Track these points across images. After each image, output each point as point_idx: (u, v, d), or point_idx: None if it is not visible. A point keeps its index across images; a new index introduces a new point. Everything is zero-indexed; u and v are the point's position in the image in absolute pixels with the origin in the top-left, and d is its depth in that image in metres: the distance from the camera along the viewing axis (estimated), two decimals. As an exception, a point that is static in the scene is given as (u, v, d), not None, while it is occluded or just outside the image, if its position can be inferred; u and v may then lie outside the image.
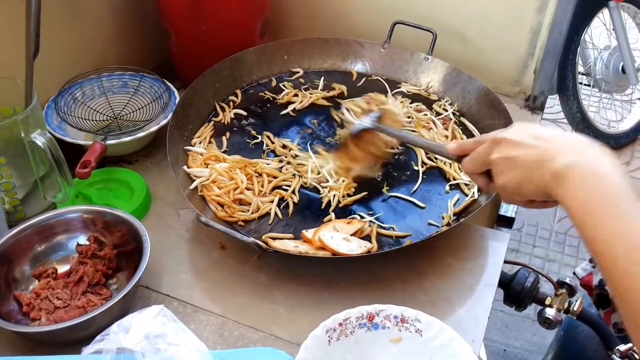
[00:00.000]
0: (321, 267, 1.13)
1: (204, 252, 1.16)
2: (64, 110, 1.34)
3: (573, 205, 0.73)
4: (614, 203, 0.70)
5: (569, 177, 0.74)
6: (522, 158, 0.82)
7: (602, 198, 0.71)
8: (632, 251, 0.65)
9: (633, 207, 0.69)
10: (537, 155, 0.80)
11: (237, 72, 1.49)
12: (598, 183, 0.72)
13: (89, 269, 1.06)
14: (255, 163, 1.26)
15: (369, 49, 1.57)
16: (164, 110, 1.37)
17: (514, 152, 0.84)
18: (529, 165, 0.81)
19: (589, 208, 0.71)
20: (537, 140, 0.81)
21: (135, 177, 1.27)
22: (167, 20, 1.53)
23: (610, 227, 0.68)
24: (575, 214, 0.73)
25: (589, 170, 0.73)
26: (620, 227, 0.67)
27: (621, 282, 0.65)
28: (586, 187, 0.72)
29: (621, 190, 0.70)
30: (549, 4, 1.49)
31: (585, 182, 0.73)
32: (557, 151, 0.78)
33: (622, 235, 0.67)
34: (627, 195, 0.70)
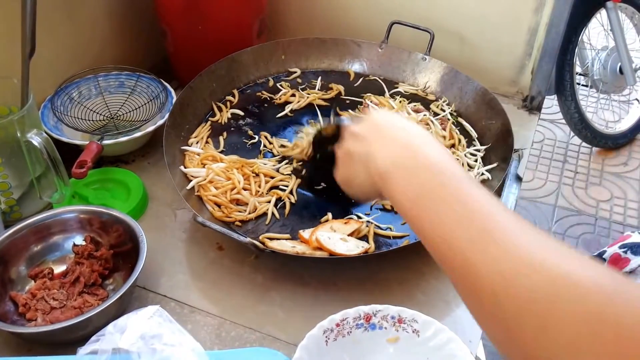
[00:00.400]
0: (318, 268, 1.13)
1: (201, 253, 1.16)
2: (60, 110, 1.34)
3: (403, 201, 0.71)
4: (445, 191, 0.67)
5: (392, 176, 0.74)
6: (355, 154, 0.83)
7: (432, 189, 0.68)
8: (468, 231, 0.62)
9: (469, 192, 0.66)
10: (365, 152, 0.80)
11: (234, 72, 1.49)
12: (425, 176, 0.70)
13: (85, 269, 1.05)
14: (252, 163, 1.26)
15: (366, 49, 1.57)
16: (161, 110, 1.37)
17: (352, 146, 0.85)
18: (359, 162, 0.82)
19: (418, 200, 0.69)
20: (372, 134, 0.81)
21: (132, 177, 1.27)
22: (164, 20, 1.53)
23: (444, 212, 0.65)
24: (405, 209, 0.71)
25: (413, 165, 0.72)
26: (455, 211, 0.65)
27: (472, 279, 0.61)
28: (410, 182, 0.71)
29: (452, 178, 0.69)
30: (546, 4, 1.49)
31: (410, 177, 0.72)
32: (381, 148, 0.77)
33: (459, 216, 0.64)
34: (461, 181, 0.68)
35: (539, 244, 0.58)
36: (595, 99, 3.35)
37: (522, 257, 0.57)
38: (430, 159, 0.72)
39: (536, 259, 0.56)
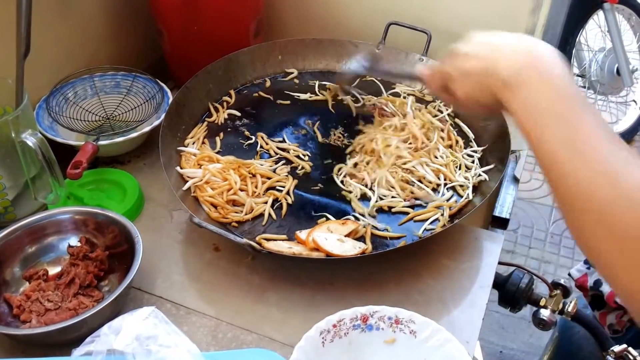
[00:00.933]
0: (315, 268, 1.12)
1: (197, 254, 1.16)
2: (55, 110, 1.33)
3: (519, 110, 0.77)
4: (559, 108, 0.73)
5: (516, 83, 0.78)
6: (474, 69, 0.86)
7: (549, 103, 0.74)
8: (575, 157, 0.69)
9: (578, 112, 0.72)
10: (487, 65, 0.83)
11: (230, 73, 1.48)
12: (544, 88, 0.75)
13: (81, 270, 1.05)
14: (249, 164, 1.25)
15: (363, 50, 1.56)
16: (157, 111, 1.37)
17: (467, 64, 0.88)
18: (481, 75, 0.84)
19: (535, 112, 0.75)
20: (487, 49, 0.85)
21: (127, 178, 1.26)
22: (160, 19, 1.52)
23: (555, 132, 0.72)
24: (521, 119, 0.77)
25: (536, 75, 0.76)
26: (565, 132, 0.71)
27: (563, 184, 0.71)
28: (532, 91, 0.76)
29: (568, 95, 0.74)
30: (542, 5, 1.48)
31: (531, 87, 0.76)
32: (505, 58, 0.81)
33: (567, 140, 0.71)
34: (573, 100, 0.73)
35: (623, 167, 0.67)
36: (592, 100, 3.35)
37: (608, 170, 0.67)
38: (553, 76, 0.76)
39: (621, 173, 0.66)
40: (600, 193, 0.66)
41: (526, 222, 2.86)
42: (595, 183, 0.67)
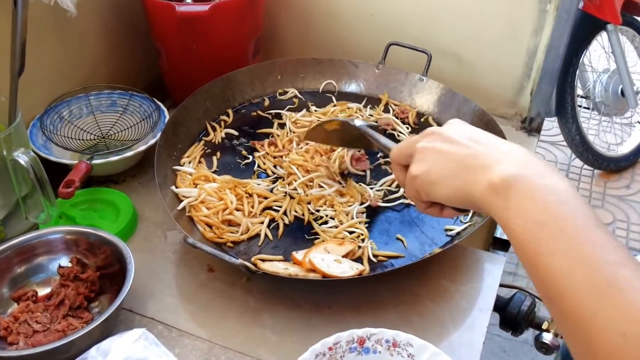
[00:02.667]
0: (311, 290, 1.10)
1: (191, 275, 1.13)
2: (49, 129, 1.31)
3: (518, 222, 0.64)
4: (571, 224, 0.61)
5: (513, 190, 0.65)
6: (451, 155, 0.75)
7: (557, 217, 0.62)
8: (594, 284, 0.57)
9: (594, 231, 0.60)
10: (470, 157, 0.72)
11: (229, 92, 1.47)
12: (550, 200, 0.63)
13: (71, 292, 1.02)
14: (245, 183, 1.23)
15: (363, 70, 1.55)
16: (153, 130, 1.35)
17: (443, 146, 0.76)
18: (457, 164, 0.73)
19: (539, 226, 0.62)
20: (472, 142, 0.74)
21: (121, 198, 1.24)
22: (158, 38, 1.51)
23: (569, 251, 0.59)
24: (520, 231, 0.64)
25: (538, 184, 0.65)
26: (582, 253, 0.58)
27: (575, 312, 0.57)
28: (535, 202, 0.64)
29: (578, 209, 0.62)
30: (545, 26, 1.47)
31: (534, 197, 0.64)
32: (495, 158, 0.70)
33: (584, 262, 0.58)
34: (586, 216, 0.61)
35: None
36: (597, 122, 3.33)
37: None
38: (557, 182, 0.65)
39: None
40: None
41: None
42: None
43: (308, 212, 1.19)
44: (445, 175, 0.75)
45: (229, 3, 1.44)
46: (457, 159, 0.74)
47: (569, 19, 1.43)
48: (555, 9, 1.43)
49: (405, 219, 1.21)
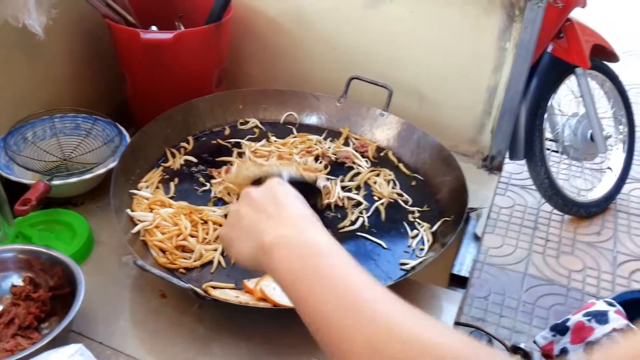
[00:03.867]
0: (262, 320, 1.11)
1: (143, 300, 1.14)
2: (13, 149, 1.32)
3: (281, 276, 0.73)
4: (326, 272, 0.69)
5: (277, 250, 0.74)
6: (246, 220, 0.82)
7: (313, 267, 0.70)
8: (346, 311, 0.65)
9: (348, 274, 0.70)
10: (256, 223, 0.80)
11: (190, 119, 1.49)
12: (306, 253, 0.72)
13: (21, 310, 1.03)
14: (201, 210, 1.24)
15: (325, 103, 1.58)
16: (114, 154, 1.36)
17: (245, 210, 0.83)
18: (247, 230, 0.81)
19: (298, 277, 0.71)
20: (269, 206, 0.81)
21: (78, 220, 1.25)
22: (123, 64, 1.53)
23: (324, 293, 0.68)
24: (284, 283, 0.73)
25: (297, 243, 0.74)
26: (336, 292, 0.67)
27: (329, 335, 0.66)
28: (292, 258, 0.73)
29: (325, 254, 0.72)
30: (504, 63, 1.50)
31: (291, 254, 0.73)
32: (272, 224, 0.78)
33: (338, 298, 0.67)
34: (342, 264, 0.71)
35: (403, 315, 0.65)
36: (566, 166, 3.33)
37: (388, 328, 0.62)
38: (314, 238, 0.75)
39: (399, 328, 0.62)
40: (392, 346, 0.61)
41: (497, 289, 2.79)
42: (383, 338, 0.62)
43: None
44: (238, 243, 0.83)
45: (193, 32, 1.47)
46: (250, 225, 0.81)
47: (528, 57, 1.46)
48: (515, 47, 1.47)
49: (361, 251, 1.23)
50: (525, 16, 1.43)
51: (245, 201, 0.84)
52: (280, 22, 1.67)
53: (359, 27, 1.61)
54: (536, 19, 1.42)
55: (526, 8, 1.42)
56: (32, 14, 1.25)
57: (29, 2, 1.23)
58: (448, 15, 1.51)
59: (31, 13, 1.25)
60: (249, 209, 0.82)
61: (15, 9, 1.23)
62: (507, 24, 1.46)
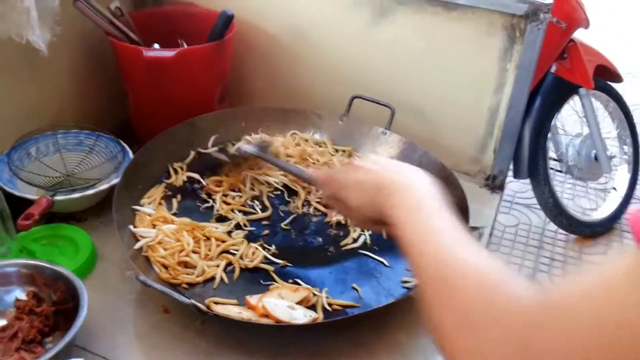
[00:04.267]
0: (265, 337, 1.11)
1: (146, 315, 1.14)
2: (16, 164, 1.33)
3: (393, 215, 0.87)
4: (418, 208, 0.84)
5: (394, 194, 0.89)
6: (369, 183, 0.97)
7: (412, 205, 0.85)
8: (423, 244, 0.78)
9: (432, 211, 0.83)
10: (378, 181, 0.94)
11: (193, 136, 1.50)
12: (412, 197, 0.87)
13: (25, 325, 1.03)
14: (203, 226, 1.25)
15: (327, 121, 1.59)
16: (117, 170, 1.37)
17: (363, 176, 0.98)
18: (373, 187, 0.95)
19: (402, 214, 0.85)
20: (380, 168, 0.97)
21: (81, 235, 1.26)
22: (126, 81, 1.54)
23: (414, 227, 0.81)
24: (394, 223, 0.86)
25: (407, 185, 0.89)
26: (420, 227, 0.81)
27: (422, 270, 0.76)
28: (402, 197, 0.88)
29: (426, 199, 0.86)
30: (506, 84, 1.51)
31: (402, 194, 0.88)
32: (392, 177, 0.93)
33: (421, 232, 0.80)
34: (430, 202, 0.85)
35: None
36: (571, 185, 3.31)
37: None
38: (420, 189, 0.89)
39: None
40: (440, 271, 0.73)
41: None
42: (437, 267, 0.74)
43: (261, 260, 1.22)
44: (367, 201, 0.97)
45: (195, 50, 1.48)
46: (373, 185, 0.96)
47: (528, 78, 1.47)
48: (516, 68, 1.48)
49: (363, 269, 1.23)
50: (525, 38, 1.44)
51: (360, 171, 1.00)
52: (282, 39, 1.68)
53: (361, 46, 1.62)
54: (536, 40, 1.43)
55: (526, 30, 1.43)
56: (36, 30, 1.26)
57: (32, 18, 1.24)
58: (450, 36, 1.52)
59: (35, 29, 1.26)
60: (368, 174, 0.98)
61: (19, 25, 1.24)
62: (508, 45, 1.47)
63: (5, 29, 1.21)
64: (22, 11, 1.22)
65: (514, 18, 1.44)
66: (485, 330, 0.62)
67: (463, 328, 0.65)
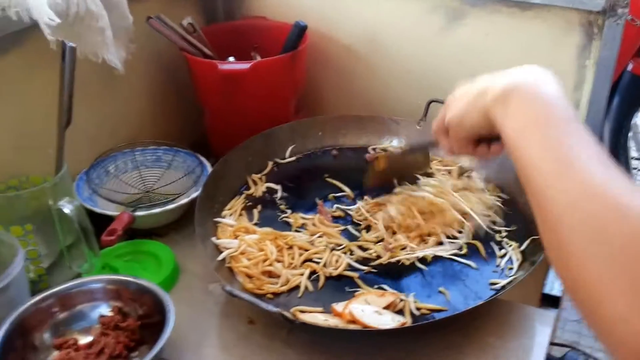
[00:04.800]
0: (352, 344, 1.08)
1: (231, 327, 1.13)
2: (95, 182, 1.34)
3: (509, 126, 0.76)
4: (549, 123, 0.71)
5: (509, 97, 0.78)
6: (468, 93, 0.91)
7: (539, 117, 0.73)
8: (561, 177, 0.66)
9: (567, 130, 0.70)
10: (482, 87, 0.87)
11: (270, 147, 1.49)
12: (536, 102, 0.74)
13: (111, 340, 1.02)
14: (286, 235, 1.23)
15: (404, 127, 1.56)
16: (196, 184, 1.36)
17: (464, 89, 0.94)
18: (475, 96, 0.88)
19: (524, 126, 0.73)
20: (486, 79, 0.88)
21: (163, 249, 1.25)
22: (202, 96, 1.55)
23: (543, 148, 0.70)
24: (510, 134, 0.76)
25: (528, 89, 0.76)
26: (552, 149, 0.69)
27: (545, 203, 0.67)
28: (524, 105, 0.75)
29: (558, 111, 0.72)
30: (585, 81, 1.47)
31: (523, 101, 0.76)
32: (500, 79, 0.82)
33: (553, 148, 0.69)
34: (564, 117, 0.72)
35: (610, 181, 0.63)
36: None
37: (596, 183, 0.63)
38: (546, 92, 0.76)
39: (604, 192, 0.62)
40: (589, 206, 0.62)
41: None
42: (584, 196, 0.63)
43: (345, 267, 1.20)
44: (468, 109, 0.91)
45: (270, 61, 1.47)
46: (474, 92, 0.89)
47: (609, 74, 1.43)
48: (595, 65, 1.43)
49: (448, 272, 1.19)
50: (604, 34, 1.39)
51: (458, 92, 0.97)
52: (355, 48, 1.67)
53: (435, 50, 1.59)
54: (615, 36, 1.38)
55: (605, 26, 1.38)
56: (111, 49, 1.28)
57: (107, 37, 1.25)
58: (525, 35, 1.48)
59: (110, 48, 1.27)
60: (468, 87, 0.93)
61: (95, 44, 1.25)
62: (586, 42, 1.43)
63: (82, 50, 1.22)
64: (98, 31, 1.23)
65: (590, 14, 1.39)
66: None
67: (624, 286, 0.56)
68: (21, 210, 1.10)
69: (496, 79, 0.83)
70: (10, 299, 1.01)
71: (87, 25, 1.21)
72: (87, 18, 1.19)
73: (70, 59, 1.09)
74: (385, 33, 1.63)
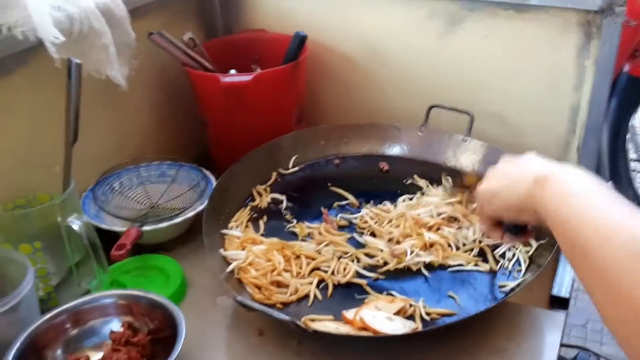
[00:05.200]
0: (364, 351, 1.08)
1: (241, 339, 1.13)
2: (101, 199, 1.34)
3: (551, 203, 0.82)
4: (590, 201, 0.76)
5: (550, 178, 0.84)
6: (510, 168, 0.97)
7: (579, 194, 0.79)
8: (609, 244, 0.69)
9: (607, 204, 0.75)
10: (519, 174, 0.93)
11: (273, 158, 1.50)
12: (575, 183, 0.81)
13: (122, 356, 1.02)
14: (293, 245, 1.24)
15: (406, 133, 1.57)
16: (201, 198, 1.37)
17: (506, 164, 1.00)
18: (509, 176, 0.96)
19: (565, 203, 0.79)
20: (521, 161, 0.96)
21: (170, 264, 1.25)
22: (204, 110, 1.55)
23: (586, 221, 0.74)
24: (551, 211, 0.82)
25: (568, 174, 0.83)
26: (596, 220, 0.73)
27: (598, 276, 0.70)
28: (565, 185, 0.81)
29: (595, 188, 0.79)
30: (584, 81, 1.47)
31: (563, 182, 0.82)
32: (537, 164, 0.91)
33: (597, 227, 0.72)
34: (601, 193, 0.77)
35: None
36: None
37: None
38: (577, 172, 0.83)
39: None
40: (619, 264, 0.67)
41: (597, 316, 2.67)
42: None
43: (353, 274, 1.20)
44: (504, 186, 0.97)
45: (272, 73, 1.48)
46: (510, 172, 0.97)
47: (608, 73, 1.43)
48: (594, 64, 1.43)
49: (457, 277, 1.20)
50: (602, 33, 1.39)
51: (503, 162, 1.01)
52: (354, 56, 1.67)
53: (434, 56, 1.60)
54: (614, 34, 1.38)
55: (603, 25, 1.39)
56: (115, 65, 1.28)
57: (111, 54, 1.26)
58: (524, 37, 1.48)
59: (113, 64, 1.28)
60: (510, 164, 0.98)
61: (98, 61, 1.25)
62: (584, 42, 1.43)
63: (86, 67, 1.22)
64: (101, 48, 1.24)
65: (589, 14, 1.39)
66: None
67: None
68: (30, 228, 1.11)
69: (532, 162, 0.92)
70: (20, 317, 1.01)
71: (91, 42, 1.21)
72: (91, 36, 1.20)
73: (76, 75, 1.10)
74: (384, 40, 1.64)
